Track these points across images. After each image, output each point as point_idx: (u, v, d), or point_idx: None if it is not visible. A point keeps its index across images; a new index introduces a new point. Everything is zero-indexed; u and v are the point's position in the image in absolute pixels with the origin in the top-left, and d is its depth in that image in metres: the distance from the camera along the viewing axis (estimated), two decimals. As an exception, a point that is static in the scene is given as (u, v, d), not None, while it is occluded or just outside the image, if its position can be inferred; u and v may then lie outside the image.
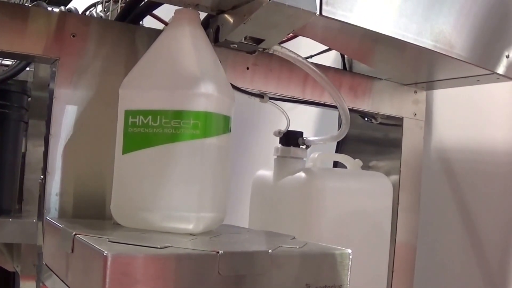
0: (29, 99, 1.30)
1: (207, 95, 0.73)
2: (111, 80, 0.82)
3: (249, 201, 1.11)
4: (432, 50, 0.87)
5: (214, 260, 0.58)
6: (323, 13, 0.74)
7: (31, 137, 1.30)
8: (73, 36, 0.81)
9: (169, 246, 0.59)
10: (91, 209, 0.81)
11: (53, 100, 0.80)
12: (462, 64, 0.92)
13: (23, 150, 1.29)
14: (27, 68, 1.23)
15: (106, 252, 0.53)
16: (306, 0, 0.72)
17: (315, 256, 0.68)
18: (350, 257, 0.69)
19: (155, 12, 0.91)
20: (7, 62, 1.34)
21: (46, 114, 0.82)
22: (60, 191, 0.80)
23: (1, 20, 0.76)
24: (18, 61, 1.17)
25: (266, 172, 1.08)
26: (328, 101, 1.05)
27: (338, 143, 1.26)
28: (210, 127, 0.73)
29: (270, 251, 0.63)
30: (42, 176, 0.81)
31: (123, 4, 1.26)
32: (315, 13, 0.73)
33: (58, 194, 0.80)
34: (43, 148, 0.82)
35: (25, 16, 0.78)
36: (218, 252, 0.59)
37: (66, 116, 0.80)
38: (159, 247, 0.58)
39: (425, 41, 0.86)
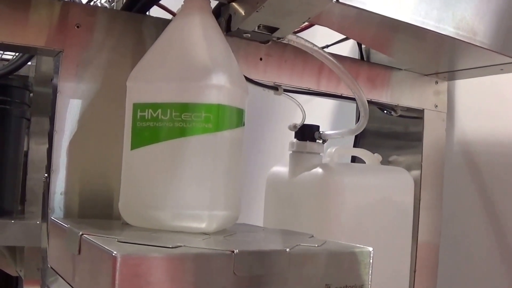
0: (31, 94, 1.28)
1: (219, 87, 0.70)
2: (118, 72, 0.80)
3: (263, 199, 1.09)
4: (454, 38, 0.84)
5: (229, 260, 0.56)
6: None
7: (33, 135, 1.29)
8: (78, 26, 0.79)
9: (181, 246, 0.57)
10: (98, 208, 0.80)
11: (57, 94, 0.78)
12: (485, 52, 0.89)
13: (25, 149, 1.28)
14: (29, 63, 1.22)
15: (115, 252, 0.52)
16: (322, -15, 0.70)
17: (335, 254, 0.66)
18: (371, 255, 0.67)
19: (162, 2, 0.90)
20: (8, 56, 1.33)
21: (49, 111, 0.81)
22: (65, 190, 0.78)
23: (2, 10, 0.74)
24: (19, 55, 1.16)
25: (281, 168, 1.06)
26: (345, 92, 1.04)
27: (356, 137, 1.25)
28: (223, 121, 0.71)
29: (287, 250, 0.60)
30: (46, 174, 0.79)
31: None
32: (331, 0, 0.71)
33: (63, 193, 0.78)
34: (46, 147, 0.80)
35: (27, 6, 0.76)
36: (233, 252, 0.57)
37: (70, 111, 0.79)
38: (171, 246, 0.56)
39: (447, 28, 0.83)
